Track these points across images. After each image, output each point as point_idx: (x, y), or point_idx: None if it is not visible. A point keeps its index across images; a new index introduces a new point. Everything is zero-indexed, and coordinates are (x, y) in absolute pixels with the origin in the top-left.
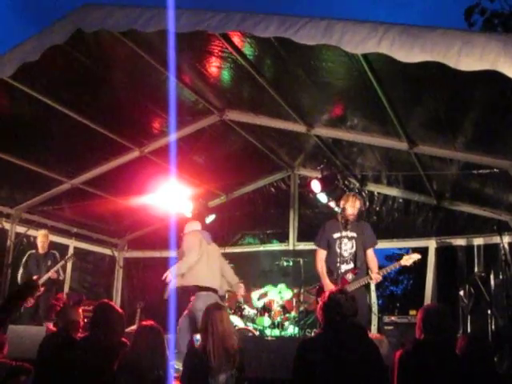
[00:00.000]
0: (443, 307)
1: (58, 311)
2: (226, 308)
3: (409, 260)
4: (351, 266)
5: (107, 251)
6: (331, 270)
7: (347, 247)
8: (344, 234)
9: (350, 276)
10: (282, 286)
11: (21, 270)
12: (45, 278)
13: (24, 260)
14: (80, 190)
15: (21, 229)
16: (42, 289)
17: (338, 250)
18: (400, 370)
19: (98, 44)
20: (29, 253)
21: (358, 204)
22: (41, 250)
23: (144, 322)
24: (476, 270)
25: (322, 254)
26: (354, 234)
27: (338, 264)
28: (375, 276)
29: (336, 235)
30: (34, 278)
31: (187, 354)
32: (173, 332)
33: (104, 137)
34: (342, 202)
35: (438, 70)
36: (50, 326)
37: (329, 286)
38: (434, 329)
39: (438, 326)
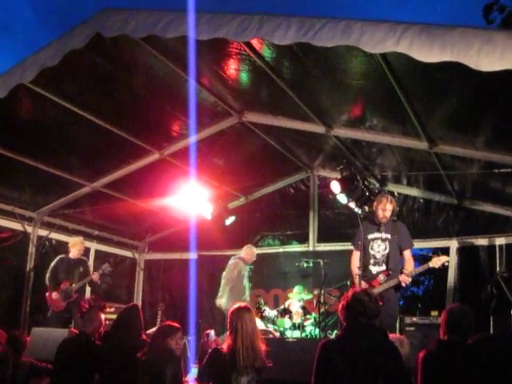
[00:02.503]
0: (467, 308)
1: (83, 313)
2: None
3: (438, 262)
4: (383, 267)
5: (128, 253)
6: (363, 271)
7: (380, 249)
8: (378, 235)
9: (381, 277)
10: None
11: (48, 274)
12: (80, 283)
13: (53, 264)
14: (101, 193)
15: (42, 232)
16: (75, 295)
17: (371, 252)
18: (424, 370)
19: (117, 47)
20: (59, 257)
21: (389, 207)
22: (72, 256)
23: (164, 323)
24: (498, 269)
25: (356, 256)
26: (388, 236)
27: (370, 266)
28: (403, 277)
29: (370, 236)
30: (63, 284)
31: (211, 353)
32: (192, 334)
33: (124, 140)
34: (374, 204)
35: (458, 69)
36: (73, 329)
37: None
38: (457, 330)
39: (462, 327)
